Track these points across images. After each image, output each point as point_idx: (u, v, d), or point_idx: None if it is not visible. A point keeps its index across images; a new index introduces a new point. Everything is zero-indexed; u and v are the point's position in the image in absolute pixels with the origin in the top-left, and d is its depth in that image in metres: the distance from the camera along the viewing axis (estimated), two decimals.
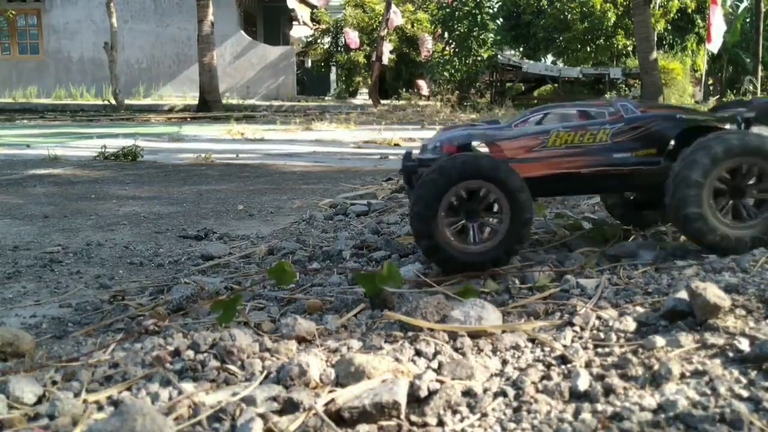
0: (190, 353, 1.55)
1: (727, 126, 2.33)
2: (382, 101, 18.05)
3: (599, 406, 1.22)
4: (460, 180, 2.14)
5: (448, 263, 2.19)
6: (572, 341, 1.55)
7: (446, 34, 17.79)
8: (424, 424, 1.24)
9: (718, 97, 15.93)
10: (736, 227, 2.15)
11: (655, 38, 16.28)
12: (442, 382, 1.35)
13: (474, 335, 1.60)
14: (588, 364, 1.41)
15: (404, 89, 19.59)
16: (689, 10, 19.96)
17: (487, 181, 2.14)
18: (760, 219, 2.16)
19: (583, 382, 1.31)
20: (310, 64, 24.29)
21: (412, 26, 20.44)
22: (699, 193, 2.10)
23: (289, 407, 1.28)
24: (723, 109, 2.46)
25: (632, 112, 2.31)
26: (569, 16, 19.61)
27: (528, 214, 2.16)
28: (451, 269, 2.19)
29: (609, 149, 2.27)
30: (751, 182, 2.16)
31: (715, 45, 15.28)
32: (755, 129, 2.34)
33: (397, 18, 18.09)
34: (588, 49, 19.86)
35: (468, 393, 1.32)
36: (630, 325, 1.58)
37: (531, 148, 2.29)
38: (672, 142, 2.32)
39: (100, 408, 1.35)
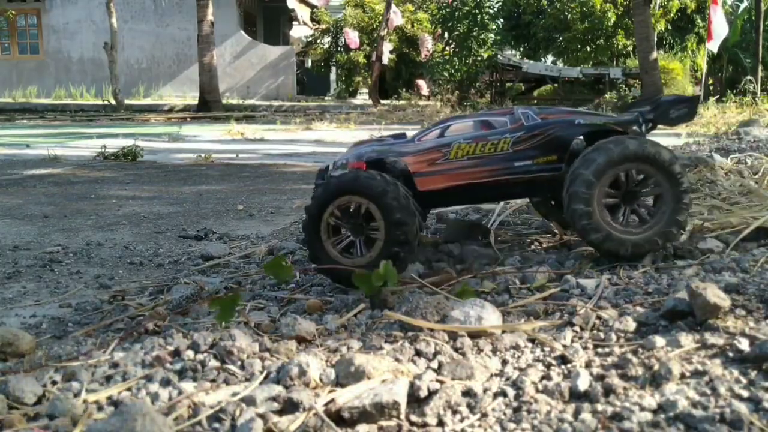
0: (190, 353, 1.55)
1: (634, 128, 2.33)
2: (382, 101, 18.05)
3: (599, 406, 1.22)
4: (332, 200, 2.23)
5: (342, 280, 2.25)
6: (572, 341, 1.55)
7: (446, 34, 17.78)
8: (424, 424, 1.24)
9: (718, 96, 15.91)
10: (622, 231, 2.15)
11: (655, 38, 16.28)
12: (442, 382, 1.35)
13: (474, 335, 1.60)
14: (588, 364, 1.41)
15: (404, 89, 19.58)
16: (689, 11, 19.95)
17: (352, 195, 2.21)
18: (648, 227, 2.16)
19: (583, 382, 1.30)
20: (310, 64, 24.29)
21: (412, 26, 20.44)
22: (589, 191, 2.11)
23: (289, 407, 1.28)
24: (630, 109, 2.45)
25: (532, 120, 2.32)
26: (569, 16, 19.60)
27: (398, 214, 2.18)
28: (348, 285, 2.23)
29: (510, 158, 2.29)
30: (643, 188, 2.17)
31: (715, 44, 15.27)
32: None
33: (397, 18, 18.09)
34: (588, 49, 19.85)
35: (468, 393, 1.32)
36: (630, 325, 1.58)
37: (434, 161, 2.33)
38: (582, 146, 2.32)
39: (100, 408, 1.35)
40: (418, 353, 1.52)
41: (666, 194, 2.13)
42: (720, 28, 14.67)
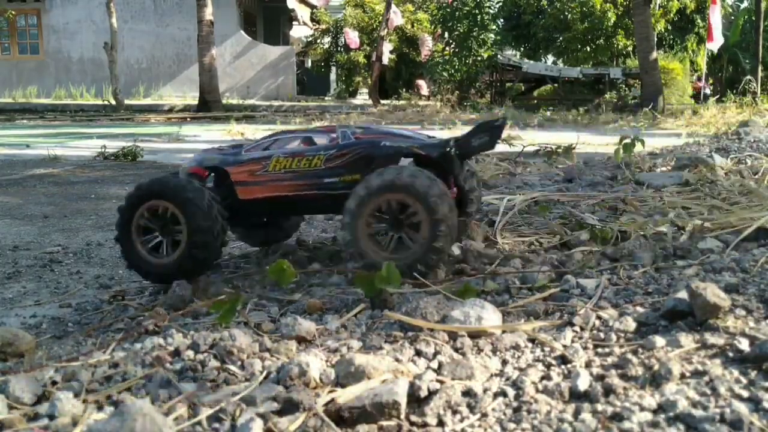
0: (190, 353, 1.55)
1: (437, 153, 2.39)
2: (382, 101, 18.05)
3: (599, 406, 1.22)
4: (141, 203, 2.41)
5: (149, 276, 2.48)
6: (572, 341, 1.55)
7: (446, 34, 17.78)
8: (424, 424, 1.24)
9: (718, 96, 15.90)
10: (387, 257, 2.19)
11: (655, 38, 16.27)
12: (442, 382, 1.35)
13: (474, 335, 1.60)
14: (588, 364, 1.41)
15: (404, 89, 19.58)
16: (689, 11, 19.96)
17: (160, 199, 2.38)
18: (410, 253, 2.21)
19: (583, 382, 1.30)
20: (310, 64, 24.29)
21: (412, 26, 20.44)
22: (353, 221, 2.22)
23: (289, 407, 1.28)
24: (475, 131, 2.48)
25: (348, 139, 2.43)
26: (569, 16, 19.60)
27: (200, 220, 2.33)
28: (156, 281, 2.49)
29: (321, 174, 2.40)
30: (403, 216, 2.23)
31: (715, 44, 15.29)
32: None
33: (397, 18, 18.08)
34: (588, 49, 19.85)
35: (468, 393, 1.32)
36: (630, 325, 1.58)
37: (254, 172, 2.47)
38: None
39: (100, 408, 1.35)
40: (418, 353, 1.52)
41: (424, 223, 2.18)
42: (718, 26, 14.70)
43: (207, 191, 2.39)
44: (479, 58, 16.89)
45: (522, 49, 22.87)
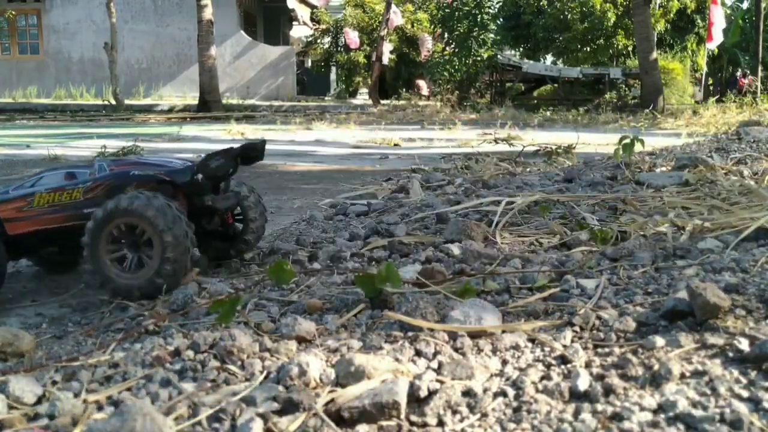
0: (190, 353, 1.55)
1: (185, 179, 2.55)
2: (382, 101, 18.05)
3: (599, 407, 1.22)
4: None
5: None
6: (572, 341, 1.55)
7: (446, 34, 17.78)
8: (424, 424, 1.24)
9: (718, 97, 15.90)
10: (128, 277, 2.40)
11: (655, 38, 16.28)
12: (442, 382, 1.35)
13: (474, 335, 1.59)
14: (588, 364, 1.41)
15: (404, 89, 19.58)
16: (689, 11, 19.96)
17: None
18: (145, 272, 2.39)
19: (583, 382, 1.30)
20: (310, 64, 24.29)
21: (412, 26, 20.44)
22: (92, 242, 2.39)
23: (289, 407, 1.28)
24: (211, 155, 2.65)
25: (102, 171, 2.60)
26: (569, 16, 19.60)
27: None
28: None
29: (81, 205, 2.55)
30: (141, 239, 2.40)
31: (714, 43, 15.31)
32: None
33: (397, 18, 18.08)
34: (588, 49, 19.85)
35: (468, 393, 1.32)
36: (630, 325, 1.58)
37: (20, 209, 2.61)
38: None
39: (100, 408, 1.35)
40: (418, 353, 1.52)
41: (156, 245, 2.37)
42: (719, 28, 14.70)
43: None
44: (479, 58, 16.90)
45: (522, 49, 22.86)
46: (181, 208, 2.47)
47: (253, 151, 2.75)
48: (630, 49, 19.26)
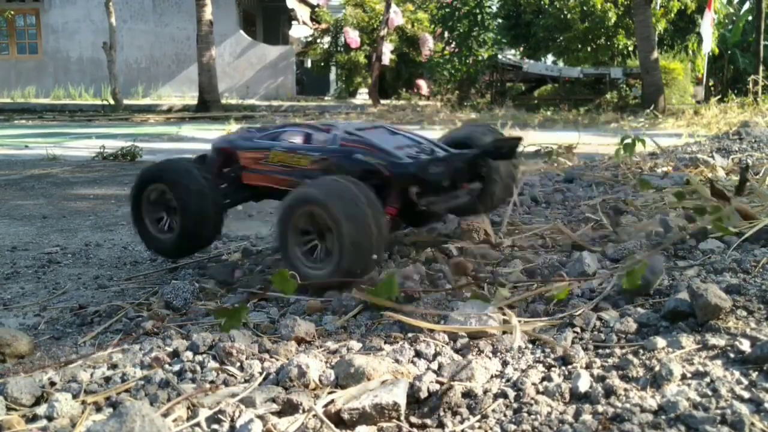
0: (189, 354, 1.55)
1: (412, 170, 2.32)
2: (382, 101, 18.03)
3: (600, 408, 1.21)
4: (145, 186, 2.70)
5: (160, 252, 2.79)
6: (573, 342, 1.54)
7: (446, 34, 17.77)
8: (424, 426, 1.23)
9: (719, 97, 15.89)
10: (312, 267, 2.19)
11: (656, 38, 16.28)
12: (442, 384, 1.34)
13: (474, 336, 1.59)
14: (588, 365, 1.41)
15: (404, 89, 19.56)
16: (689, 11, 19.95)
17: (158, 183, 2.64)
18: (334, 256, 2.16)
19: (584, 383, 1.30)
20: (309, 64, 24.27)
21: (412, 26, 20.42)
22: (283, 229, 2.22)
23: (289, 408, 1.27)
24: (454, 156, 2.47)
25: (335, 143, 2.44)
26: (569, 15, 19.58)
27: (191, 205, 2.50)
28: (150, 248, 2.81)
29: (305, 174, 2.39)
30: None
31: (704, 49, 15.38)
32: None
33: (397, 18, 18.07)
34: (588, 48, 19.83)
35: (468, 394, 1.31)
36: (631, 325, 1.57)
37: (258, 160, 2.56)
38: None
39: (99, 409, 1.34)
40: (418, 354, 1.51)
41: (334, 229, 2.10)
42: (706, 33, 14.74)
43: (197, 174, 2.52)
44: (479, 58, 16.87)
45: (522, 48, 22.85)
46: (392, 199, 2.31)
47: (502, 149, 2.48)
48: (631, 48, 19.24)
